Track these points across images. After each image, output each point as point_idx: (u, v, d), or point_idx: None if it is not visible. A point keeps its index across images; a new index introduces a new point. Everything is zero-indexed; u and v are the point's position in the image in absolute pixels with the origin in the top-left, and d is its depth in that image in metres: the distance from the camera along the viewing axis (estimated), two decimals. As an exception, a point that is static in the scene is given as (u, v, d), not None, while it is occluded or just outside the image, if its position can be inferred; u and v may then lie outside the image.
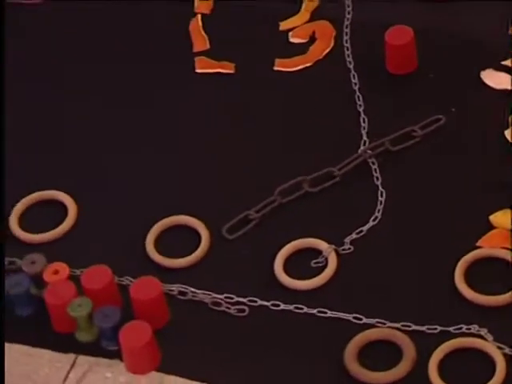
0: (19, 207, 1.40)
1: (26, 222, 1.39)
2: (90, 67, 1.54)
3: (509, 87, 1.44)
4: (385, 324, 1.26)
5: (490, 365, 1.20)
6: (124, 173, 1.43)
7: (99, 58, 1.55)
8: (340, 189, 1.39)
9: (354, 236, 1.34)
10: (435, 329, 1.24)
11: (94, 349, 1.28)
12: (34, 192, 1.41)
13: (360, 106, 1.46)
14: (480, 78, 1.46)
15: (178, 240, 1.37)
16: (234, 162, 1.43)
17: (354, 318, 1.27)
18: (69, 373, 1.27)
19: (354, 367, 1.23)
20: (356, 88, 1.48)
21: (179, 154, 1.44)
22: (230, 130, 1.47)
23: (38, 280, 1.31)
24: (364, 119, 1.45)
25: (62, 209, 1.40)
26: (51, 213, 1.40)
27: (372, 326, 1.26)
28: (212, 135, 1.46)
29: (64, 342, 1.29)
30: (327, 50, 1.53)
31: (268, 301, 1.30)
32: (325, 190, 1.39)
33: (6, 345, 1.28)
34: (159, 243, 1.36)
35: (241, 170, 1.42)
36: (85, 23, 1.58)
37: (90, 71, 1.53)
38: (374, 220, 1.36)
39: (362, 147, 1.42)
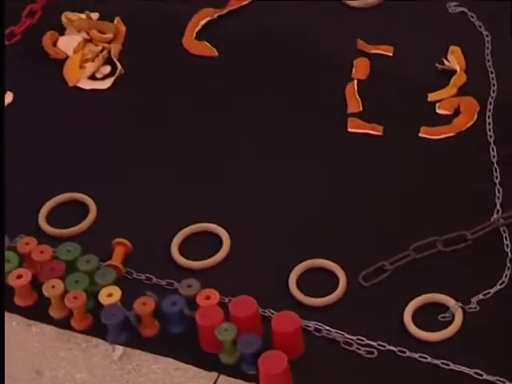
0: (179, 237, 1.42)
1: (185, 249, 1.41)
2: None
3: None
4: (504, 383, 1.23)
5: None
6: (278, 211, 1.44)
7: (265, 108, 1.57)
8: (471, 252, 1.37)
9: (480, 297, 1.32)
10: (553, 392, 1.21)
11: (234, 371, 1.29)
12: (192, 224, 1.43)
13: (496, 177, 1.45)
14: None
15: (318, 281, 1.37)
16: (375, 215, 1.43)
17: (475, 373, 1.25)
18: (211, 389, 1.28)
19: (472, 419, 1.21)
20: (494, 161, 1.46)
21: (326, 204, 1.45)
22: (374, 186, 1.47)
23: (191, 302, 1.33)
24: (499, 190, 1.43)
25: (218, 240, 1.41)
26: (207, 243, 1.42)
27: (492, 383, 1.23)
28: (357, 190, 1.46)
29: (208, 361, 1.31)
30: (470, 123, 1.51)
31: (395, 346, 1.29)
32: (456, 251, 1.37)
33: (157, 357, 1.30)
34: (301, 281, 1.37)
35: (381, 224, 1.42)
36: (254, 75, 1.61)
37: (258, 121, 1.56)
38: (500, 284, 1.33)
39: (495, 216, 1.39)
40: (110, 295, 1.33)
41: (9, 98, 1.58)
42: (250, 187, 1.48)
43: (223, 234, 1.42)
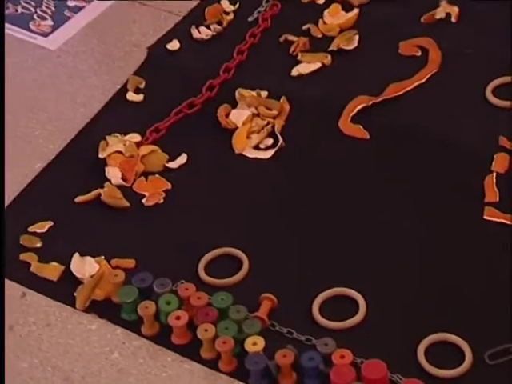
0: (319, 299, 1.42)
1: (324, 310, 1.41)
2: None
3: None
4: None
5: None
6: (412, 282, 1.43)
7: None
8: None
9: None
10: None
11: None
12: (332, 286, 1.43)
13: None
14: None
15: (445, 353, 1.34)
16: (503, 296, 1.39)
17: None
18: None
19: None
20: None
21: (459, 281, 1.42)
22: (506, 270, 1.42)
23: (326, 359, 1.33)
24: None
25: (354, 305, 1.40)
26: (345, 306, 1.41)
27: None
28: (490, 271, 1.43)
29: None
30: None
31: (512, 428, 1.24)
32: None
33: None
34: (429, 352, 1.34)
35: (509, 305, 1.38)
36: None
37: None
38: None
39: None
40: (255, 344, 1.34)
41: (183, 159, 1.63)
42: (388, 257, 1.47)
43: (359, 299, 1.41)
